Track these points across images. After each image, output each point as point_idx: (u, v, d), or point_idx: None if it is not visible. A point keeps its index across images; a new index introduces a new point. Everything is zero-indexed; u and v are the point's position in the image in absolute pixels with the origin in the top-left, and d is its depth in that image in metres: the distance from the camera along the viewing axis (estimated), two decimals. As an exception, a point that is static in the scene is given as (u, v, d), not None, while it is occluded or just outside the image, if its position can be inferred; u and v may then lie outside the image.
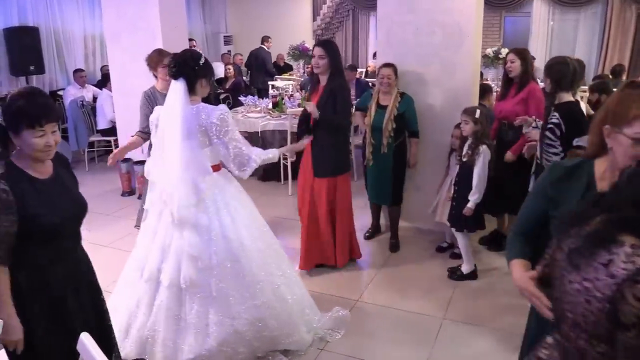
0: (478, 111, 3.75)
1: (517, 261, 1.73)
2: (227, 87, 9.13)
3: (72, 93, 7.54)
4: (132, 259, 2.98)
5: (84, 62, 8.82)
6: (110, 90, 6.59)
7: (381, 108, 4.23)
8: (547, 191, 1.74)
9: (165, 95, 3.72)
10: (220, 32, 12.39)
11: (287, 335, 2.95)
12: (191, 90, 2.78)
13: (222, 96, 8.76)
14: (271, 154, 2.99)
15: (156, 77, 4.16)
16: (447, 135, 4.39)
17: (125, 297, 2.93)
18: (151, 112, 3.65)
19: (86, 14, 8.77)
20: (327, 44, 3.85)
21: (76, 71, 7.89)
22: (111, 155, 3.59)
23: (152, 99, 3.97)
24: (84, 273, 2.18)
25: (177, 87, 2.76)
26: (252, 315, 2.79)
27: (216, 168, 2.88)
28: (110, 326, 2.36)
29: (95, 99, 7.49)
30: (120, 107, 6.16)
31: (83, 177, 3.81)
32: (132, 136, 3.89)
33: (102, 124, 7.03)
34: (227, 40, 12.38)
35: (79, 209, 2.13)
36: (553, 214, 1.71)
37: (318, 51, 3.75)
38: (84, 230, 2.20)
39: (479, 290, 3.81)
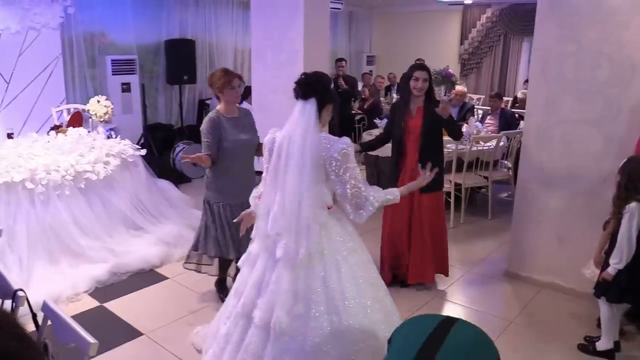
0: (624, 161, 3.19)
1: None
2: (365, 107, 9.07)
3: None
4: (236, 282, 2.81)
5: (232, 75, 9.25)
6: (250, 104, 6.80)
7: None
8: None
9: (231, 119, 3.66)
10: (364, 52, 12.42)
11: None
12: (318, 113, 2.52)
13: (357, 117, 8.70)
14: (391, 195, 2.63)
15: (218, 98, 3.73)
16: (605, 184, 3.85)
17: (221, 323, 2.80)
18: (215, 140, 3.54)
19: (238, 29, 9.22)
20: (427, 68, 4.02)
21: (223, 83, 8.31)
22: (193, 157, 3.44)
23: (218, 125, 3.60)
24: None
25: (307, 109, 2.48)
26: None
27: (328, 207, 2.60)
28: None
29: (237, 110, 7.82)
30: (258, 120, 6.32)
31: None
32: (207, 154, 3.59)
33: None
34: (370, 60, 12.38)
35: None
36: None
37: (423, 75, 3.92)
38: None
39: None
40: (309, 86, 2.52)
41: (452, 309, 3.99)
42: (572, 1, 3.91)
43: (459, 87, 7.46)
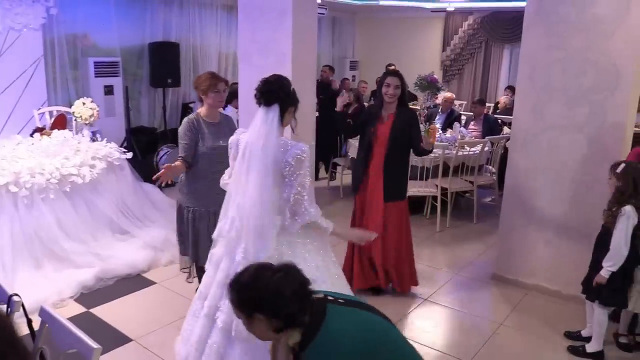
0: (622, 166, 3.23)
1: None
2: (349, 112, 9.08)
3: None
4: (201, 285, 2.85)
5: (216, 78, 9.21)
6: (236, 108, 6.76)
7: None
8: None
9: (211, 124, 3.58)
10: (347, 57, 12.46)
11: None
12: (280, 119, 2.55)
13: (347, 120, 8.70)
14: (326, 224, 2.65)
15: (202, 102, 3.65)
16: (590, 189, 3.93)
17: (188, 326, 2.83)
18: (192, 143, 3.46)
19: (223, 32, 9.18)
20: (400, 74, 3.95)
21: (207, 86, 8.26)
22: (160, 175, 3.21)
23: (196, 128, 3.50)
24: None
25: (270, 115, 2.51)
26: None
27: None
28: None
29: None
30: (244, 124, 6.29)
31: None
32: (177, 161, 3.48)
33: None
34: (353, 66, 12.42)
35: None
36: None
37: (395, 81, 3.87)
38: None
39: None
40: (271, 93, 2.54)
41: (441, 312, 4.01)
42: (559, 9, 3.98)
43: (447, 94, 7.53)
